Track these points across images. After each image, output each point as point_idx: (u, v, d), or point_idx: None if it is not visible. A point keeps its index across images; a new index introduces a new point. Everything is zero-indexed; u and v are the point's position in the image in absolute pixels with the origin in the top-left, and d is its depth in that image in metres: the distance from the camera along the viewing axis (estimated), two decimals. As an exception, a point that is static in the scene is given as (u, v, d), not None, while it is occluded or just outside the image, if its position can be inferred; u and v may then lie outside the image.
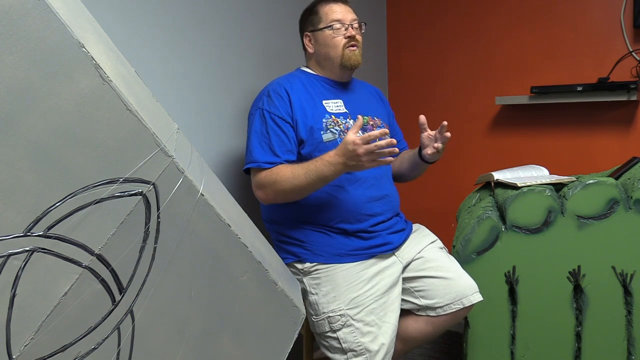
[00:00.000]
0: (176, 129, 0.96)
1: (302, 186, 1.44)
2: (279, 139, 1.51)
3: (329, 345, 1.51)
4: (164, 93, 1.62)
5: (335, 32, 1.60)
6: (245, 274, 1.03)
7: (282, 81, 1.60)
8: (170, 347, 0.94)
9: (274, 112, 1.53)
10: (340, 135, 1.56)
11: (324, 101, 1.60)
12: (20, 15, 0.72)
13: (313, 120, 1.54)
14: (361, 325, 1.47)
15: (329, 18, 1.61)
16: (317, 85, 1.64)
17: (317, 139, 1.54)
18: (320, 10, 1.63)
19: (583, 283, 1.63)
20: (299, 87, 1.59)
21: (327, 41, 1.61)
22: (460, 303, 1.55)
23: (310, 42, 1.65)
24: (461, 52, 2.58)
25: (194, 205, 0.91)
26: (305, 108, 1.55)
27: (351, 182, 1.55)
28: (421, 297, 1.59)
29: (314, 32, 1.64)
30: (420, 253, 1.63)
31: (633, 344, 1.63)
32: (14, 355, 0.76)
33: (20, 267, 0.76)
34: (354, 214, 1.55)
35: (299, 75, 1.66)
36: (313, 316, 1.53)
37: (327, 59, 1.63)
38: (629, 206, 1.60)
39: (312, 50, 1.65)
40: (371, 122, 1.67)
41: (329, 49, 1.62)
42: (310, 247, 1.54)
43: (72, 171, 0.78)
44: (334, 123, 1.57)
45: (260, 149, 1.51)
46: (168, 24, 1.67)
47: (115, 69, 0.83)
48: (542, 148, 2.41)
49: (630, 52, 2.16)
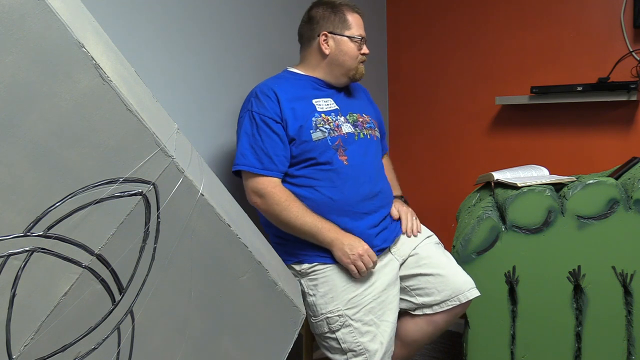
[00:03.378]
0: (176, 129, 0.96)
1: (295, 228, 1.50)
2: (271, 142, 1.51)
3: (329, 346, 1.51)
4: (164, 93, 1.62)
5: (357, 46, 1.62)
6: (245, 274, 1.03)
7: (270, 82, 1.60)
8: (170, 347, 0.94)
9: (263, 113, 1.52)
10: (330, 133, 1.55)
11: (314, 100, 1.60)
12: (20, 15, 0.71)
13: (302, 119, 1.54)
14: (360, 325, 1.47)
15: (356, 32, 1.62)
16: (306, 85, 1.63)
17: (306, 138, 1.53)
18: (348, 16, 1.62)
19: (583, 283, 1.63)
20: (287, 88, 1.58)
21: (350, 52, 1.61)
22: (456, 299, 1.55)
23: (327, 42, 1.61)
24: (461, 52, 2.58)
25: (194, 205, 0.91)
26: (294, 108, 1.54)
27: (346, 181, 1.55)
28: (417, 296, 1.59)
29: (336, 36, 1.61)
30: (415, 249, 1.63)
31: (633, 344, 1.63)
32: (14, 355, 0.76)
33: (20, 267, 0.76)
34: (350, 213, 1.54)
35: (287, 77, 1.65)
36: (312, 317, 1.53)
37: (341, 66, 1.62)
38: (629, 206, 1.60)
39: (328, 52, 1.61)
40: (360, 119, 1.66)
41: (347, 58, 1.61)
42: (308, 249, 1.54)
43: (72, 171, 0.78)
44: (323, 121, 1.56)
45: (252, 151, 1.51)
46: (168, 24, 1.67)
47: (115, 69, 0.83)
48: (542, 148, 2.41)
49: (630, 52, 2.16)
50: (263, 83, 1.61)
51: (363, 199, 1.56)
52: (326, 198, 1.53)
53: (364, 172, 1.58)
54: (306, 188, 1.53)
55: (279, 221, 1.50)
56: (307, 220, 1.49)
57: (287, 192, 1.51)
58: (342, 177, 1.54)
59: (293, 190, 1.53)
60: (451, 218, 2.20)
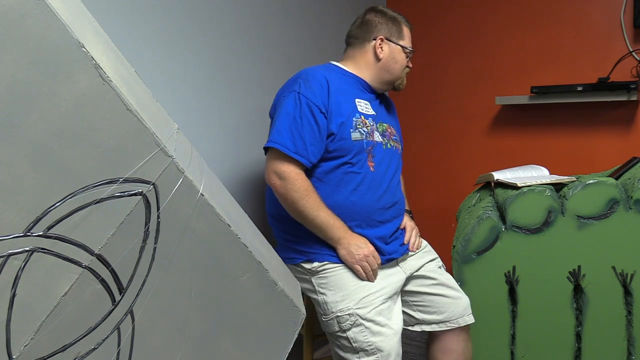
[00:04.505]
0: (176, 129, 0.96)
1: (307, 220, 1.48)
2: (311, 130, 1.48)
3: (341, 345, 1.50)
4: (164, 93, 1.62)
5: (407, 57, 1.69)
6: (245, 274, 1.03)
7: (321, 69, 1.58)
8: (170, 347, 0.94)
9: (310, 97, 1.49)
10: (367, 137, 1.54)
11: (357, 100, 1.59)
12: (20, 15, 0.71)
13: (345, 116, 1.53)
14: (371, 325, 1.46)
15: (409, 44, 1.69)
16: (352, 83, 1.62)
17: (345, 136, 1.52)
18: (404, 28, 1.69)
19: (583, 283, 1.63)
20: (336, 80, 1.57)
21: (400, 61, 1.67)
22: (455, 322, 1.60)
23: (382, 47, 1.64)
24: (461, 52, 2.58)
25: (194, 205, 0.91)
26: (340, 102, 1.53)
27: (369, 187, 1.54)
28: (418, 311, 1.62)
29: (392, 43, 1.65)
30: (423, 268, 1.65)
31: (633, 344, 1.63)
32: (14, 355, 0.76)
33: (20, 267, 0.76)
34: (367, 219, 1.54)
35: (334, 69, 1.64)
36: (323, 316, 1.52)
37: (389, 72, 1.65)
38: (629, 206, 1.60)
39: (382, 56, 1.64)
40: (389, 130, 1.67)
41: (397, 66, 1.66)
42: (319, 247, 1.53)
43: (72, 171, 0.78)
44: (362, 124, 1.55)
45: (289, 132, 1.47)
46: (168, 24, 1.67)
47: (115, 69, 0.83)
48: (542, 148, 2.41)
49: (630, 52, 2.16)
50: (313, 68, 1.59)
51: (381, 207, 1.56)
52: (347, 201, 1.52)
53: (386, 182, 1.58)
54: (329, 186, 1.53)
55: (294, 209, 1.49)
56: (320, 214, 1.47)
57: (308, 183, 1.48)
58: (366, 183, 1.54)
59: (315, 186, 1.51)
60: (451, 218, 2.20)
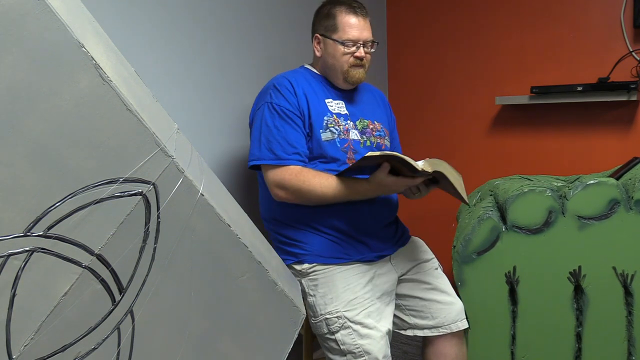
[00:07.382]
0: (176, 129, 0.96)
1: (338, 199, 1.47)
2: (292, 129, 1.49)
3: (329, 347, 1.51)
4: (164, 93, 1.62)
5: (346, 49, 1.55)
6: (245, 274, 1.03)
7: (287, 75, 1.59)
8: (170, 347, 0.94)
9: (283, 104, 1.50)
10: (339, 135, 1.55)
11: (327, 100, 1.59)
12: (20, 15, 0.71)
13: (315, 117, 1.53)
14: (359, 328, 1.47)
15: (345, 35, 1.54)
16: (320, 84, 1.62)
17: (317, 136, 1.52)
18: (338, 17, 1.55)
19: (584, 283, 1.63)
20: (303, 83, 1.57)
21: (337, 55, 1.56)
22: (448, 328, 1.59)
23: (320, 45, 1.60)
24: (461, 52, 2.58)
25: (194, 205, 0.91)
26: (309, 103, 1.54)
27: None
28: (411, 316, 1.62)
29: (326, 38, 1.58)
30: (416, 268, 1.64)
31: (633, 344, 1.63)
32: (14, 355, 0.76)
33: (20, 267, 0.76)
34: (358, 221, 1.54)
35: (303, 72, 1.64)
36: (312, 318, 1.53)
37: (332, 69, 1.60)
38: (629, 206, 1.60)
39: (319, 54, 1.61)
40: (371, 126, 1.65)
41: (335, 61, 1.57)
42: (309, 249, 1.53)
43: (72, 171, 0.78)
44: (334, 122, 1.56)
45: (267, 143, 1.48)
46: (168, 24, 1.67)
47: (115, 69, 0.83)
48: (542, 148, 2.40)
49: (630, 52, 2.16)
50: (280, 76, 1.59)
51: (368, 203, 1.55)
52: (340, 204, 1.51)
53: None
54: None
55: (313, 204, 1.49)
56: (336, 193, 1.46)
57: (304, 174, 1.46)
58: None
59: None
60: (451, 218, 2.20)
